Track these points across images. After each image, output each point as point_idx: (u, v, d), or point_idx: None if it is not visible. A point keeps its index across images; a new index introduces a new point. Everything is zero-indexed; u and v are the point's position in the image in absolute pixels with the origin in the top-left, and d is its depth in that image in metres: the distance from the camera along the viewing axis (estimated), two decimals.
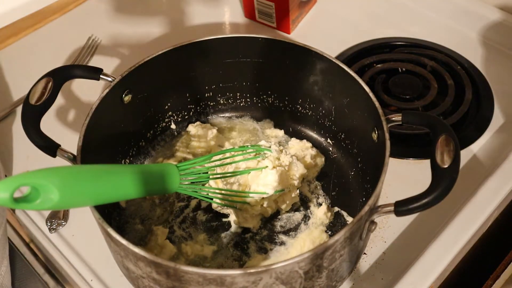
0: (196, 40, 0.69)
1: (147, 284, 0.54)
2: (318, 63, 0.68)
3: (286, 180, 0.67)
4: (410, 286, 0.59)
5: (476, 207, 0.65)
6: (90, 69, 0.65)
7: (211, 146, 0.75)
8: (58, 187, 0.45)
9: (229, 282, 0.48)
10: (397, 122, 0.58)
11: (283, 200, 0.67)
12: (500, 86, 0.83)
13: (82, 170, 0.50)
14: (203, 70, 0.73)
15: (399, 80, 0.83)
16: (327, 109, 0.72)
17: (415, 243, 0.65)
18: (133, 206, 0.69)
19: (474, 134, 0.77)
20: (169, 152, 0.75)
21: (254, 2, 0.93)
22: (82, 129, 0.59)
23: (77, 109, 0.83)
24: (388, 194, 0.69)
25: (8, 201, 0.42)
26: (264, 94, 0.77)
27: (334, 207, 0.69)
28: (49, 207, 0.45)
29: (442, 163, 0.51)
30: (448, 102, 0.80)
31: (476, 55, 0.88)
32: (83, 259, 0.66)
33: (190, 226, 0.68)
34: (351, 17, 0.97)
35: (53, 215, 0.70)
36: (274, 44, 0.69)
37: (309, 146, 0.73)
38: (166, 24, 0.97)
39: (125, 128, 0.70)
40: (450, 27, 0.93)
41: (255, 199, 0.65)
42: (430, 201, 0.50)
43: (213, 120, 0.79)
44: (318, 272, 0.52)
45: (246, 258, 0.64)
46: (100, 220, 0.52)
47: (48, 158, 0.59)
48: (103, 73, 0.64)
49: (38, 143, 0.58)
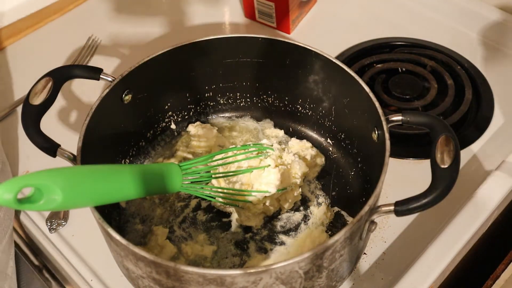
0: (196, 40, 0.69)
1: (147, 284, 0.54)
2: (318, 63, 0.68)
3: (288, 178, 0.67)
4: (410, 286, 0.59)
5: (476, 207, 0.65)
6: (90, 69, 0.65)
7: (211, 146, 0.75)
8: (61, 188, 0.45)
9: (229, 282, 0.48)
10: (397, 122, 0.58)
11: (286, 199, 0.68)
12: (500, 86, 0.83)
13: (85, 170, 0.50)
14: (203, 70, 0.73)
15: (399, 80, 0.83)
16: (327, 109, 0.72)
17: (415, 243, 0.65)
18: (133, 206, 0.69)
19: (474, 134, 0.77)
20: (169, 152, 0.76)
21: (254, 2, 0.93)
22: (82, 129, 0.59)
23: (77, 109, 0.83)
24: (388, 194, 0.69)
25: (12, 202, 0.42)
26: (264, 94, 0.77)
27: (334, 207, 0.69)
28: (52, 207, 0.45)
29: (442, 163, 0.52)
30: (448, 102, 0.80)
31: (476, 55, 0.88)
32: (83, 259, 0.66)
33: (190, 226, 0.68)
34: (351, 17, 0.97)
35: (53, 215, 0.70)
36: (274, 44, 0.69)
37: (309, 146, 0.73)
38: (166, 24, 0.97)
39: (125, 128, 0.70)
40: (450, 27, 0.93)
41: (257, 198, 0.65)
42: (430, 201, 0.50)
43: (213, 120, 0.79)
44: (318, 272, 0.52)
45: (246, 258, 0.64)
46: (100, 220, 0.52)
47: (48, 158, 0.59)
48: (103, 73, 0.64)
49: (38, 143, 0.58)
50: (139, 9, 1.01)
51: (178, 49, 0.68)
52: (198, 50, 0.70)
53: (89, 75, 0.65)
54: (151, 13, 1.00)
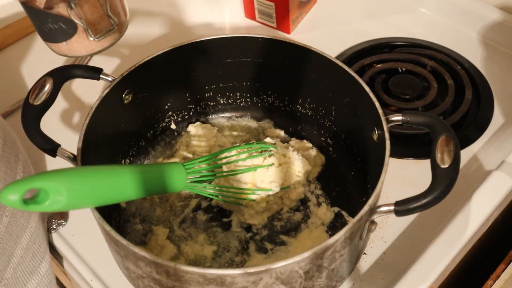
0: (196, 40, 0.69)
1: (147, 284, 0.54)
2: (318, 63, 0.68)
3: (291, 176, 0.67)
4: (410, 286, 0.59)
5: (476, 207, 0.65)
6: (90, 69, 0.65)
7: (211, 146, 0.75)
8: (66, 188, 0.45)
9: (229, 282, 0.48)
10: (397, 122, 0.58)
11: (289, 197, 0.68)
12: (500, 86, 0.83)
13: (89, 171, 0.50)
14: (203, 70, 0.73)
15: (399, 80, 0.83)
16: (327, 109, 0.72)
17: (415, 243, 0.65)
18: (133, 206, 0.69)
19: (474, 134, 0.77)
20: (169, 152, 0.76)
21: (254, 2, 0.93)
22: (82, 129, 0.59)
23: (77, 109, 0.83)
24: (388, 194, 0.69)
25: (18, 203, 0.42)
26: (264, 94, 0.77)
27: (334, 207, 0.69)
28: (57, 208, 0.45)
29: (442, 163, 0.51)
30: (448, 102, 0.80)
31: (476, 55, 0.88)
32: (83, 259, 0.66)
33: (190, 226, 0.68)
34: (351, 17, 0.97)
35: (53, 215, 0.70)
36: (274, 44, 0.69)
37: (309, 146, 0.73)
38: (166, 24, 0.97)
39: (125, 128, 0.70)
40: (450, 27, 0.93)
41: (261, 196, 0.66)
42: (430, 201, 0.50)
43: (213, 120, 0.79)
44: (318, 272, 0.52)
45: (246, 258, 0.64)
46: (100, 220, 0.52)
47: (48, 158, 0.59)
48: (103, 73, 0.64)
49: (38, 143, 0.58)
50: (139, 9, 1.01)
51: (178, 49, 0.68)
52: (198, 50, 0.70)
53: (89, 75, 0.65)
54: (151, 13, 1.00)
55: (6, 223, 0.57)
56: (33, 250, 0.61)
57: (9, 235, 0.58)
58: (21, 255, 0.59)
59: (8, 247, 0.58)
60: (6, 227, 0.57)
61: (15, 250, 0.58)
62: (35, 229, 0.61)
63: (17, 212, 0.59)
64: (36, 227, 0.62)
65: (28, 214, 0.61)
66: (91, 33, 0.49)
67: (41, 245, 0.62)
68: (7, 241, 0.57)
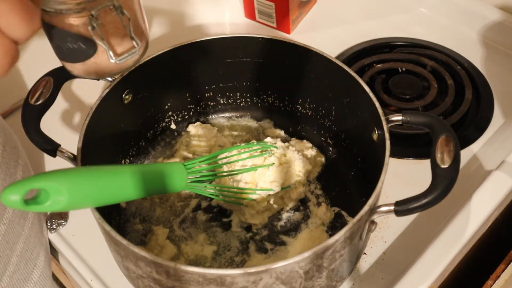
0: (196, 40, 0.69)
1: (147, 284, 0.54)
2: (318, 63, 0.68)
3: (292, 176, 0.67)
4: (410, 286, 0.59)
5: (476, 207, 0.65)
6: None
7: (211, 146, 0.75)
8: (67, 189, 0.45)
9: (229, 282, 0.48)
10: (397, 122, 0.58)
11: (289, 196, 0.68)
12: (500, 86, 0.83)
13: (90, 171, 0.50)
14: (203, 70, 0.73)
15: (399, 80, 0.83)
16: (327, 109, 0.72)
17: (415, 243, 0.65)
18: (133, 206, 0.69)
19: (474, 134, 0.77)
20: (169, 152, 0.76)
21: (254, 2, 0.93)
22: (82, 129, 0.59)
23: (77, 109, 0.83)
24: (388, 194, 0.69)
25: (19, 203, 0.42)
26: (264, 94, 0.77)
27: (334, 207, 0.69)
28: (58, 208, 0.45)
29: (442, 163, 0.52)
30: (448, 102, 0.80)
31: (476, 55, 0.88)
32: (83, 259, 0.66)
33: (190, 226, 0.68)
34: (351, 17, 0.97)
35: (53, 215, 0.70)
36: (274, 44, 0.69)
37: (309, 146, 0.73)
38: (166, 24, 0.97)
39: (125, 128, 0.70)
40: (450, 27, 0.93)
41: (261, 196, 0.66)
42: (430, 201, 0.50)
43: (213, 120, 0.79)
44: (318, 272, 0.52)
45: (246, 258, 0.64)
46: (100, 220, 0.52)
47: (48, 158, 0.59)
48: None
49: (38, 143, 0.58)
50: None
51: (178, 49, 0.68)
52: (198, 50, 0.70)
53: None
54: (151, 13, 1.00)
55: (4, 231, 0.57)
56: (26, 257, 0.60)
57: (6, 243, 0.57)
58: (16, 262, 0.59)
59: (5, 255, 0.57)
60: (4, 235, 0.57)
61: (11, 258, 0.58)
62: (28, 235, 0.61)
63: (14, 219, 0.59)
64: (29, 234, 0.61)
65: (23, 221, 0.60)
66: (112, 55, 0.48)
67: (33, 252, 0.62)
68: (4, 249, 0.57)
